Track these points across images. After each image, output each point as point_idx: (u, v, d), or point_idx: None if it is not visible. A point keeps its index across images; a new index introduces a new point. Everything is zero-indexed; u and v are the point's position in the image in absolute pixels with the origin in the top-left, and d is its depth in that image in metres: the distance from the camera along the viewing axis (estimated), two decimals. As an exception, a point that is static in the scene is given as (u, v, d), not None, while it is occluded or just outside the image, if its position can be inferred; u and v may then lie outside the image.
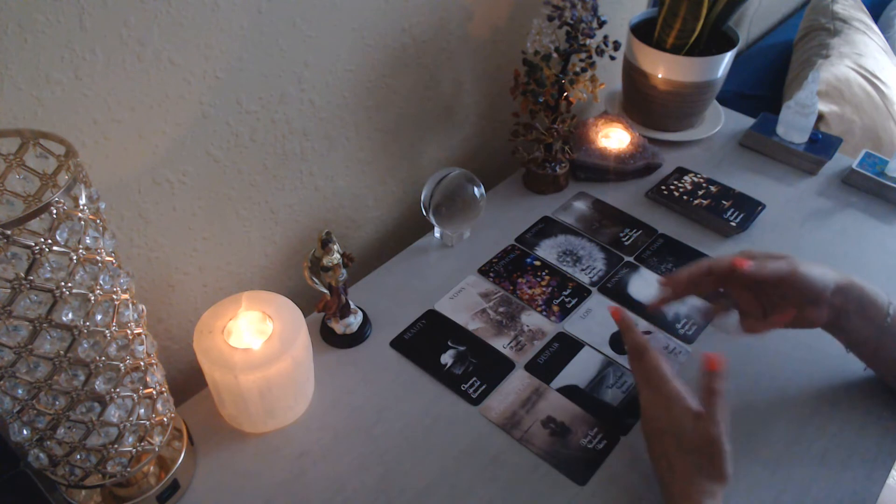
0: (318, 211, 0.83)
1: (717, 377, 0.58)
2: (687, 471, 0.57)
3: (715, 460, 0.56)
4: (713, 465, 0.56)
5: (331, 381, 0.72)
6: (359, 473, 0.65)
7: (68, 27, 0.52)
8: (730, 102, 1.14)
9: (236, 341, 0.63)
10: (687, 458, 0.57)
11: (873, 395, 0.71)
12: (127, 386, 0.52)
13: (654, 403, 0.61)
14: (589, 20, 0.83)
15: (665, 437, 0.59)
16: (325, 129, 0.77)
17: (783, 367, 0.74)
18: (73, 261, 0.43)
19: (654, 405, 0.61)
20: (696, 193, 0.94)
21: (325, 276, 0.71)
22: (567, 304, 0.80)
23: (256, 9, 0.63)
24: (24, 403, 0.48)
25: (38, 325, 0.44)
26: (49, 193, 0.48)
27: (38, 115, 0.53)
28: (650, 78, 0.98)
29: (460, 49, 0.88)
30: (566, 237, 0.89)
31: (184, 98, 0.62)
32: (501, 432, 0.68)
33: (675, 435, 0.58)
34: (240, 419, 0.67)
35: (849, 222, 0.92)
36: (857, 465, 0.66)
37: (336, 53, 0.73)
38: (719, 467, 0.56)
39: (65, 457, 0.52)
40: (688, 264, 0.67)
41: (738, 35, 0.99)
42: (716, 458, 0.56)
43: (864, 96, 1.28)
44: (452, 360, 0.74)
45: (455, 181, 0.82)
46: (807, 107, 0.98)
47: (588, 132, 1.00)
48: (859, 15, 1.44)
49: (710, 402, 0.58)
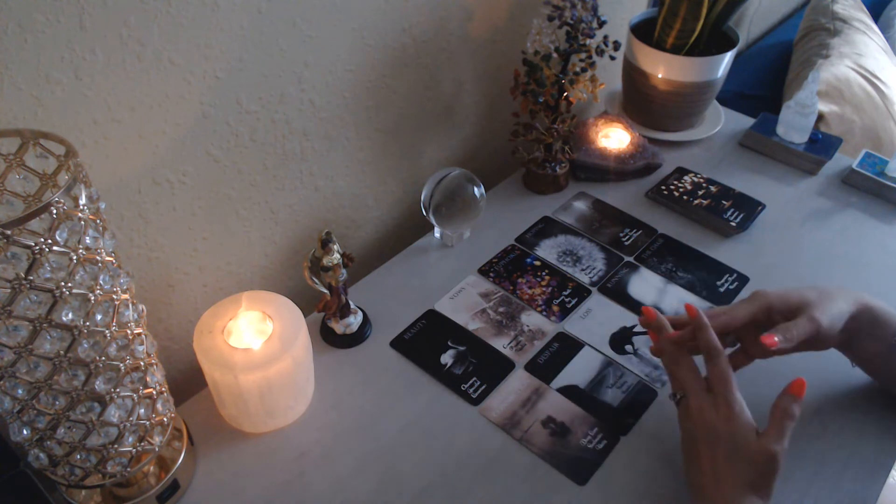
0: (318, 211, 0.83)
1: (796, 401, 0.58)
2: (736, 482, 0.56)
3: (768, 477, 0.55)
4: (764, 481, 0.55)
5: (331, 381, 0.72)
6: (359, 473, 0.65)
7: (68, 27, 0.52)
8: (730, 102, 1.14)
9: (236, 341, 0.63)
10: (739, 469, 0.56)
11: (873, 395, 0.71)
12: (127, 386, 0.52)
13: (715, 409, 0.59)
14: (589, 20, 0.83)
15: (718, 445, 0.57)
16: (325, 129, 0.77)
17: (783, 368, 0.74)
18: (73, 261, 0.43)
19: (715, 411, 0.58)
20: (696, 193, 0.94)
21: (325, 276, 0.71)
22: (567, 304, 0.80)
23: (256, 9, 0.63)
24: (24, 403, 0.48)
25: (38, 325, 0.44)
26: (49, 193, 0.48)
27: (38, 115, 0.53)
28: (650, 78, 0.98)
29: (460, 49, 0.88)
30: (566, 237, 0.89)
31: (184, 98, 0.62)
32: (501, 432, 0.68)
33: (732, 444, 0.57)
34: (240, 419, 0.67)
35: (849, 222, 0.92)
36: (857, 465, 0.66)
37: (336, 53, 0.73)
38: (769, 485, 0.55)
39: (65, 457, 0.52)
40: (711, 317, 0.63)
41: (738, 35, 0.99)
42: (769, 475, 0.55)
43: (864, 96, 1.28)
44: (452, 360, 0.74)
45: (455, 181, 0.82)
46: (807, 107, 0.98)
47: (588, 132, 1.00)
48: (859, 15, 1.44)
49: (780, 422, 0.57)
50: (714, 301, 0.81)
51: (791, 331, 0.60)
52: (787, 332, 0.60)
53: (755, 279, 0.84)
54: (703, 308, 0.79)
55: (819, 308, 0.61)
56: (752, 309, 0.63)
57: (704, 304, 0.81)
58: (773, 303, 0.62)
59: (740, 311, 0.63)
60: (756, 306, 0.63)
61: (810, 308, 0.61)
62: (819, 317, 0.60)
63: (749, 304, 0.64)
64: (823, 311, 0.61)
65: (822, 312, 0.61)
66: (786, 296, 0.63)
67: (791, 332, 0.60)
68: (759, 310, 0.63)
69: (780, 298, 0.63)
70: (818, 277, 0.84)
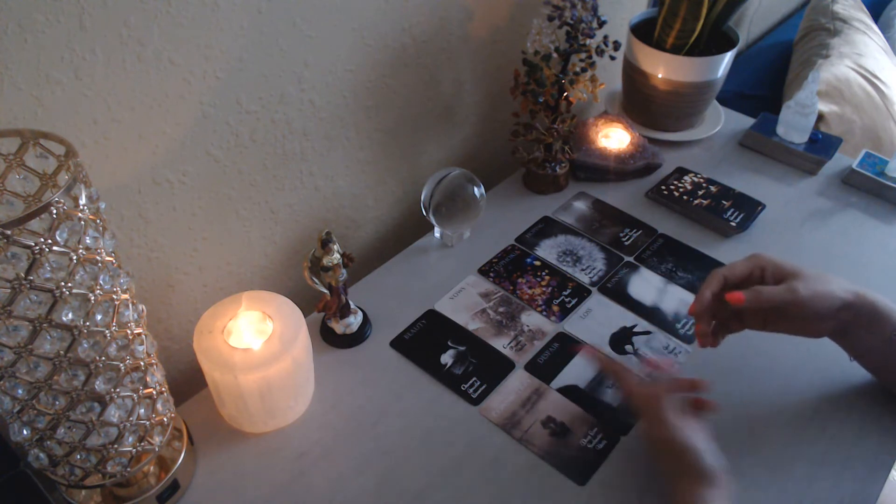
0: (318, 211, 0.83)
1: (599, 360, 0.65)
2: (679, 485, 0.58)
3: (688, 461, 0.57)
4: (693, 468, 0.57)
5: (331, 381, 0.72)
6: (359, 473, 0.65)
7: (68, 27, 0.52)
8: (730, 102, 1.14)
9: (236, 341, 0.63)
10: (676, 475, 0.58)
11: (873, 395, 0.71)
12: (127, 386, 0.52)
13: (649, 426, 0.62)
14: (589, 20, 0.83)
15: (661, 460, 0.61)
16: (325, 129, 0.77)
17: (783, 367, 0.74)
18: (73, 261, 0.43)
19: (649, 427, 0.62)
20: (696, 193, 0.94)
21: (325, 276, 0.71)
22: (567, 304, 0.80)
23: (256, 9, 0.63)
24: (24, 403, 0.48)
25: (38, 325, 0.44)
26: (49, 193, 0.48)
27: (38, 115, 0.53)
28: (650, 78, 0.98)
29: (460, 49, 0.88)
30: (566, 237, 0.89)
31: (184, 98, 0.62)
32: (501, 432, 0.68)
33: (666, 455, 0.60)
34: (240, 419, 0.67)
35: (849, 222, 0.92)
36: (857, 464, 0.66)
37: (336, 53, 0.73)
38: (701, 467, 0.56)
39: (65, 457, 0.52)
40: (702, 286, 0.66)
41: (738, 35, 0.99)
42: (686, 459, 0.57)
43: (864, 96, 1.28)
44: (452, 360, 0.74)
45: (455, 181, 0.82)
46: (807, 107, 0.98)
47: (588, 132, 1.00)
48: (859, 15, 1.44)
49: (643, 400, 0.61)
50: (714, 301, 0.81)
51: (762, 293, 0.61)
52: (759, 293, 0.61)
53: (755, 279, 0.84)
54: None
55: (805, 282, 0.62)
56: (749, 265, 0.65)
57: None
58: (766, 265, 0.64)
59: (738, 267, 0.65)
60: (752, 263, 0.65)
61: (796, 279, 0.62)
62: (799, 288, 0.61)
63: (746, 261, 0.65)
64: (808, 285, 0.61)
65: (805, 286, 0.61)
66: (781, 263, 0.64)
67: (762, 293, 0.61)
68: (755, 267, 0.64)
69: (774, 263, 0.64)
70: (818, 277, 0.84)
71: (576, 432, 0.68)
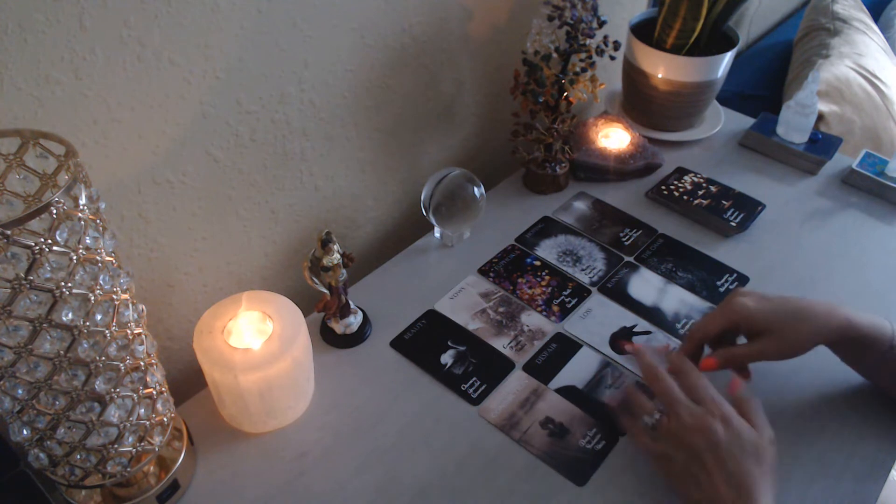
0: (318, 211, 0.83)
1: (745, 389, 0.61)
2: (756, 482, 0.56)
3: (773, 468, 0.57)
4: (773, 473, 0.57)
5: (331, 381, 0.72)
6: (359, 473, 0.65)
7: (68, 27, 0.52)
8: (730, 102, 1.14)
9: (236, 341, 0.64)
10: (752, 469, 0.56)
11: (873, 395, 0.71)
12: (127, 386, 0.52)
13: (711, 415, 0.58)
14: (589, 20, 0.83)
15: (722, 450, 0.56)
16: (325, 129, 0.77)
17: (783, 367, 0.74)
18: (73, 261, 0.43)
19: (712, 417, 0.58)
20: (696, 193, 0.94)
21: (325, 276, 0.71)
22: (567, 304, 0.80)
23: (256, 9, 0.63)
24: (24, 403, 0.48)
25: (38, 325, 0.44)
26: (49, 193, 0.48)
27: (38, 115, 0.53)
28: (650, 78, 0.98)
29: (460, 49, 0.88)
30: (566, 237, 0.89)
31: (184, 98, 0.62)
32: (500, 433, 0.68)
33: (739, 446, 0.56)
34: (240, 419, 0.67)
35: (849, 222, 0.92)
36: (857, 465, 0.66)
37: (336, 53, 0.73)
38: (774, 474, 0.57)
39: (65, 457, 0.52)
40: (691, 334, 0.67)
41: (738, 35, 0.99)
42: (774, 466, 0.57)
43: (864, 96, 1.28)
44: (452, 360, 0.74)
45: (455, 181, 0.82)
46: (807, 107, 0.98)
47: (588, 132, 1.00)
48: (859, 15, 1.44)
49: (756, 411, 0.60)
50: (714, 301, 0.81)
51: (735, 355, 0.65)
52: (732, 355, 0.65)
53: (755, 279, 0.84)
54: (704, 309, 0.80)
55: (775, 338, 0.64)
56: (723, 322, 0.66)
57: (704, 304, 0.81)
58: (739, 321, 0.65)
59: (712, 324, 0.66)
60: (726, 321, 0.66)
61: (768, 334, 0.64)
62: (768, 349, 0.64)
63: (721, 315, 0.66)
64: (777, 342, 0.64)
65: (773, 344, 0.64)
66: (752, 317, 0.65)
67: (735, 356, 0.65)
68: (729, 324, 0.66)
69: (746, 318, 0.65)
70: (818, 277, 0.84)
71: (574, 433, 0.68)
